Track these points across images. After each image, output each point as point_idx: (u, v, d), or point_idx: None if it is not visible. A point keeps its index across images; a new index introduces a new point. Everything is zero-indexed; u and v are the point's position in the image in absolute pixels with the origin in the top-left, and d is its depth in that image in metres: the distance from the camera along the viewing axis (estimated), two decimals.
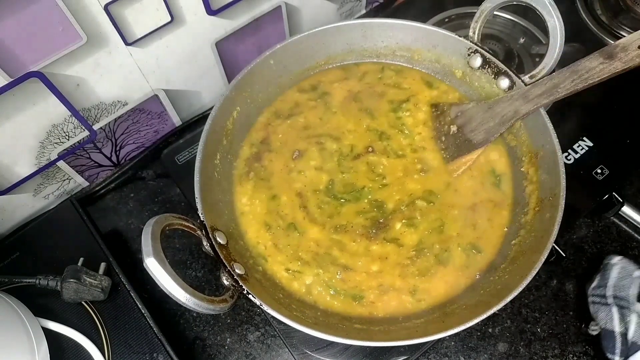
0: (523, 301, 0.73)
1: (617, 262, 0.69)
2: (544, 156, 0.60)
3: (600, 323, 0.68)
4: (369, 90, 0.71)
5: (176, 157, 0.80)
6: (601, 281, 0.69)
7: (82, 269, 0.65)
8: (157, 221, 0.48)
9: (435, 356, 0.71)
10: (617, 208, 0.75)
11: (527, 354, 0.70)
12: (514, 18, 0.88)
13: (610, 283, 0.68)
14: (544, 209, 0.58)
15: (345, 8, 0.91)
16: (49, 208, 0.80)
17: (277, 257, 0.61)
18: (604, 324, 0.67)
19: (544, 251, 0.52)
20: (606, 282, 0.68)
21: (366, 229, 0.62)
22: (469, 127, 0.64)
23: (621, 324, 0.66)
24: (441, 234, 0.61)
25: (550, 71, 0.60)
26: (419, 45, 0.70)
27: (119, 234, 0.81)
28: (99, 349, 0.64)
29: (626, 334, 0.65)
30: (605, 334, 0.67)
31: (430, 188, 0.64)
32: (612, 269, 0.69)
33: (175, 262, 0.78)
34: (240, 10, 0.73)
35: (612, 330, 0.66)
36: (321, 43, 0.70)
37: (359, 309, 0.58)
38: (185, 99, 0.83)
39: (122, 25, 0.62)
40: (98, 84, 0.67)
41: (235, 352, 0.72)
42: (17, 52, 0.56)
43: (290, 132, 0.69)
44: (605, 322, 0.67)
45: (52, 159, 0.72)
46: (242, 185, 0.66)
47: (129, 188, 0.85)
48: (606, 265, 0.70)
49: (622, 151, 0.76)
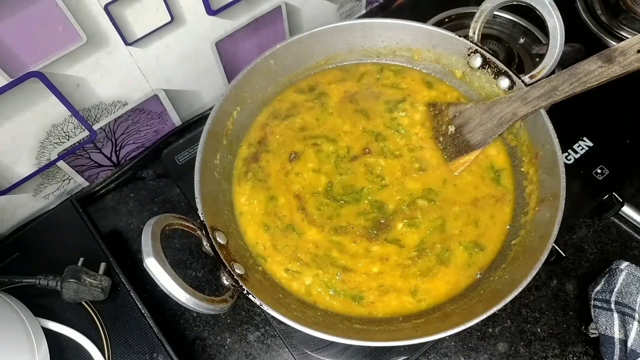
0: (523, 301, 0.73)
1: (625, 267, 0.68)
2: (544, 156, 0.60)
3: (600, 328, 0.67)
4: (366, 91, 0.71)
5: (176, 157, 0.80)
6: (606, 286, 0.68)
7: (82, 269, 0.65)
8: (157, 221, 0.48)
9: (435, 356, 0.71)
10: (617, 208, 0.75)
11: (527, 354, 0.70)
12: (514, 18, 0.88)
13: (616, 289, 0.67)
14: (544, 209, 0.58)
15: (345, 8, 0.91)
16: (49, 208, 0.80)
17: (276, 257, 0.61)
18: (604, 330, 0.67)
19: (544, 251, 0.52)
20: (612, 287, 0.67)
21: (367, 230, 0.62)
22: (467, 127, 0.64)
23: (621, 330, 0.66)
24: (443, 232, 0.61)
25: (550, 71, 0.60)
26: (419, 45, 0.70)
27: (119, 234, 0.81)
28: (99, 349, 0.64)
29: (626, 341, 0.65)
30: (604, 340, 0.67)
31: (430, 186, 0.64)
32: (619, 275, 0.68)
33: (175, 262, 0.78)
34: (240, 10, 0.73)
35: (611, 336, 0.66)
36: (321, 43, 0.70)
37: (359, 309, 0.58)
38: (185, 99, 0.83)
39: (122, 25, 0.62)
40: (98, 84, 0.67)
41: (235, 352, 0.72)
42: (17, 52, 0.56)
43: (287, 133, 0.69)
44: (605, 328, 0.67)
45: (52, 159, 0.72)
46: (241, 185, 0.66)
47: (129, 188, 0.85)
48: (613, 270, 0.69)
49: (622, 151, 0.76)
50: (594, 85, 0.53)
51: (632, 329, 0.65)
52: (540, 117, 0.59)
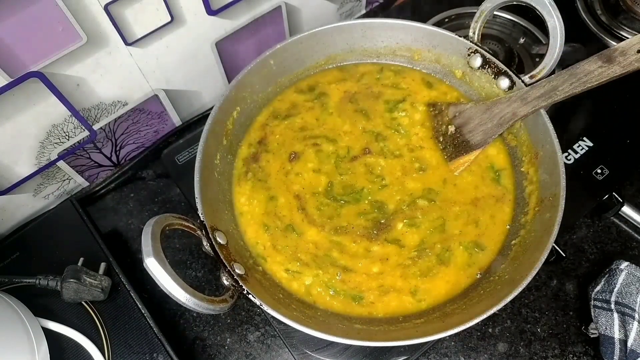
0: (523, 301, 0.73)
1: (625, 267, 0.68)
2: (544, 156, 0.60)
3: (600, 328, 0.67)
4: (366, 91, 0.71)
5: (176, 157, 0.80)
6: (606, 286, 0.68)
7: (82, 269, 0.65)
8: (157, 221, 0.48)
9: (435, 356, 0.71)
10: (617, 208, 0.75)
11: (527, 354, 0.70)
12: (514, 18, 0.88)
13: (616, 289, 0.67)
14: (544, 209, 0.58)
15: (345, 8, 0.91)
16: (49, 208, 0.80)
17: (276, 257, 0.61)
18: (604, 330, 0.67)
19: (544, 251, 0.52)
20: (612, 287, 0.67)
21: (367, 230, 0.62)
22: (467, 127, 0.64)
23: (621, 330, 0.66)
24: (443, 232, 0.61)
25: (550, 71, 0.60)
26: (419, 45, 0.70)
27: (119, 234, 0.81)
28: (99, 349, 0.64)
29: (626, 341, 0.65)
30: (603, 340, 0.67)
31: (430, 186, 0.64)
32: (619, 275, 0.68)
33: (175, 262, 0.78)
34: (240, 10, 0.73)
35: (611, 336, 0.66)
36: (321, 43, 0.70)
37: (359, 309, 0.58)
38: (185, 99, 0.83)
39: (122, 25, 0.62)
40: (98, 84, 0.67)
41: (235, 352, 0.72)
42: (17, 52, 0.56)
43: (287, 133, 0.69)
44: (605, 328, 0.67)
45: (52, 159, 0.72)
46: (241, 185, 0.66)
47: (129, 188, 0.85)
48: (613, 270, 0.69)
49: (622, 151, 0.76)
50: (594, 86, 0.53)
51: (632, 329, 0.65)
52: (540, 117, 0.59)
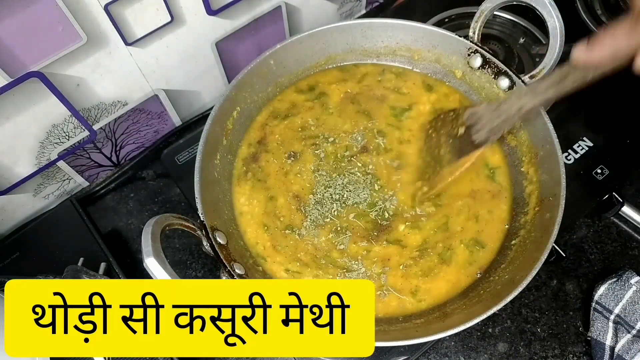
0: (523, 301, 0.73)
1: (635, 283, 0.67)
2: (544, 156, 0.60)
3: (593, 333, 0.68)
4: (368, 93, 0.71)
5: (176, 157, 0.80)
6: (612, 294, 0.68)
7: (82, 269, 0.65)
8: (157, 221, 0.48)
9: (435, 356, 0.71)
10: (617, 208, 0.75)
11: (527, 354, 0.70)
12: (514, 18, 0.88)
13: (621, 303, 0.67)
14: (544, 209, 0.58)
15: (345, 8, 0.91)
16: (49, 208, 0.80)
17: (275, 257, 0.61)
18: (596, 335, 0.67)
19: (544, 251, 0.52)
20: (618, 299, 0.67)
21: (367, 231, 0.62)
22: (475, 127, 0.63)
23: (613, 338, 0.66)
24: (446, 231, 0.61)
25: (550, 71, 0.60)
26: (419, 46, 0.70)
27: (119, 234, 0.81)
28: None
29: (614, 347, 0.66)
30: (595, 344, 0.67)
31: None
32: (628, 289, 0.67)
33: (175, 262, 0.78)
34: (240, 10, 0.73)
35: (602, 342, 0.67)
36: (321, 43, 0.70)
37: None
38: (185, 99, 0.83)
39: (122, 25, 0.62)
40: (98, 84, 0.67)
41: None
42: (17, 52, 0.56)
43: (286, 133, 0.69)
44: (599, 334, 0.67)
45: (52, 159, 0.72)
46: (241, 185, 0.66)
47: (129, 188, 0.85)
48: (623, 280, 0.68)
49: (622, 151, 0.76)
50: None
51: (622, 337, 0.66)
52: (540, 117, 0.59)
